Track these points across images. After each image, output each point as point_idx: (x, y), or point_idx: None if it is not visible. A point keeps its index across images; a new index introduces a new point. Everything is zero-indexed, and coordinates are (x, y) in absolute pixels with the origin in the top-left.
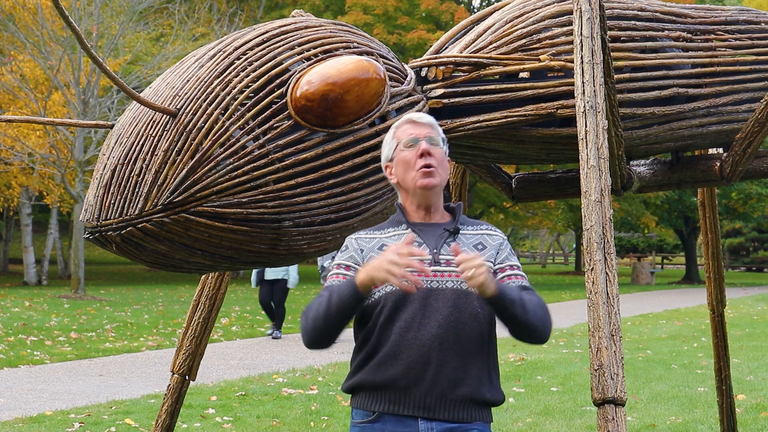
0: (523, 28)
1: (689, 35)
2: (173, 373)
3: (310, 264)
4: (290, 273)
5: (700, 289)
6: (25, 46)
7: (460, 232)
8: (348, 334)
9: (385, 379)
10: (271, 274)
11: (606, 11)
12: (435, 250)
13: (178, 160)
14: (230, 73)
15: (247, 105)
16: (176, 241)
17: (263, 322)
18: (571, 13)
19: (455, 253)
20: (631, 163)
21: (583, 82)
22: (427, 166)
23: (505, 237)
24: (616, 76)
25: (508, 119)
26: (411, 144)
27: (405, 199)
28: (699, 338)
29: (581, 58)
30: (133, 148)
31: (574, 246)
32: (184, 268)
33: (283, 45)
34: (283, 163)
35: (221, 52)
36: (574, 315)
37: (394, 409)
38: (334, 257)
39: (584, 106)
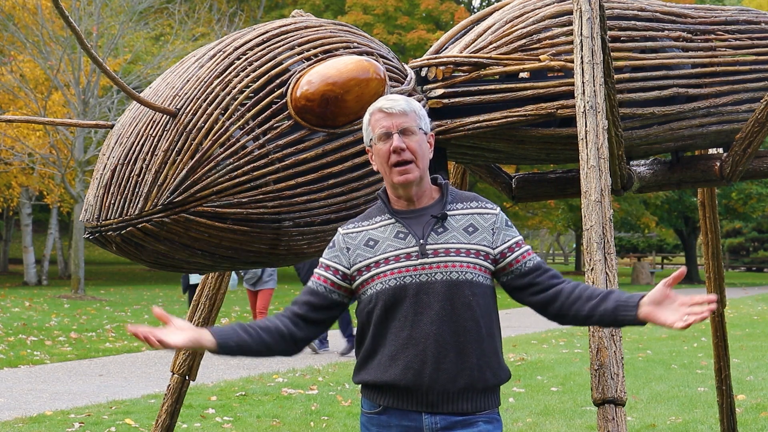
0: (523, 28)
1: (689, 35)
2: (173, 373)
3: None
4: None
5: (700, 289)
6: (25, 46)
7: (449, 214)
8: (340, 333)
9: (385, 380)
10: (198, 278)
11: (606, 11)
12: (422, 241)
13: (178, 160)
14: (230, 73)
15: (247, 105)
16: (176, 241)
17: None
18: (571, 13)
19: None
20: (631, 163)
21: (583, 82)
22: (401, 162)
23: (498, 210)
24: (616, 76)
25: (508, 119)
26: (384, 137)
27: (389, 188)
28: (699, 338)
29: (581, 58)
30: (133, 148)
31: (574, 246)
32: (184, 268)
33: (283, 45)
34: (283, 163)
35: (221, 52)
36: None
37: (398, 404)
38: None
39: (584, 106)
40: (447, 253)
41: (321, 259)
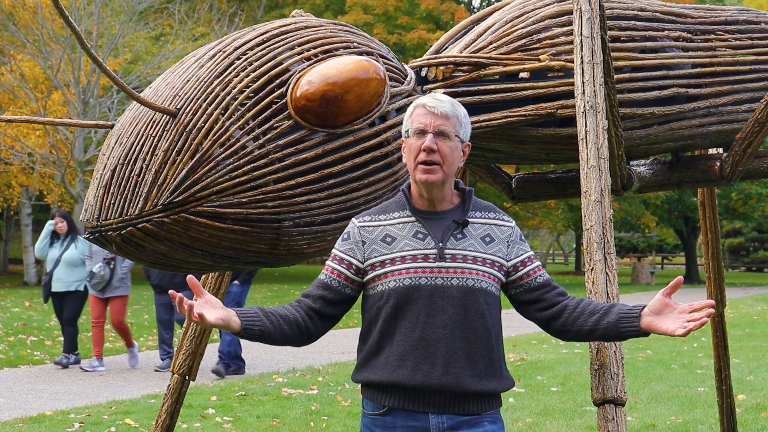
0: (523, 28)
1: (689, 35)
2: (173, 373)
3: (309, 264)
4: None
5: (700, 289)
6: (24, 45)
7: (469, 221)
8: (341, 334)
9: (393, 380)
10: (60, 285)
11: (606, 11)
12: (441, 244)
13: (178, 160)
14: (230, 73)
15: (247, 105)
16: (176, 241)
17: None
18: (571, 13)
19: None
20: (631, 163)
21: (583, 82)
22: (428, 162)
23: (514, 224)
24: (616, 76)
25: (508, 119)
26: (419, 134)
27: (412, 184)
28: (699, 338)
29: (581, 58)
30: (133, 148)
31: (574, 246)
32: (184, 268)
33: (283, 45)
34: (283, 163)
35: (221, 52)
36: None
37: (405, 405)
38: (106, 260)
39: (584, 106)
40: (465, 259)
41: (334, 251)
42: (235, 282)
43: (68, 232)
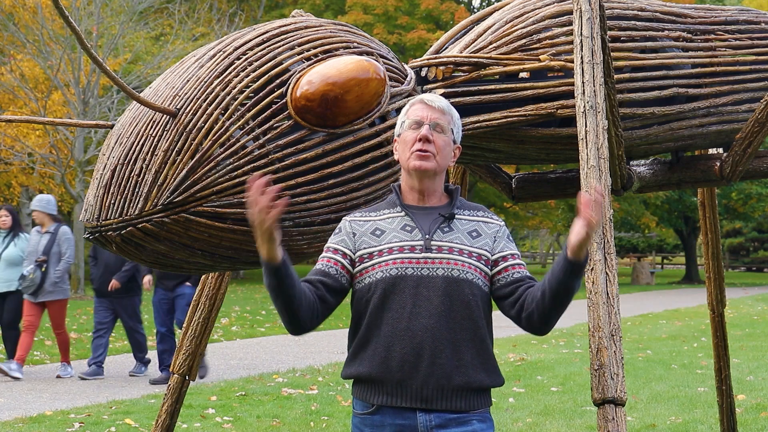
0: (523, 28)
1: (689, 35)
2: (173, 373)
3: (309, 264)
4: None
5: (700, 289)
6: (24, 45)
7: (456, 216)
8: (341, 334)
9: (380, 373)
10: (1, 285)
11: (606, 11)
12: (427, 236)
13: (178, 160)
14: (230, 73)
15: (247, 105)
16: (176, 241)
17: (263, 321)
18: (571, 13)
19: (587, 204)
20: (631, 163)
21: (583, 82)
22: (423, 150)
23: (503, 223)
24: (616, 76)
25: (508, 119)
26: (415, 125)
27: (403, 179)
28: (699, 338)
29: (581, 58)
30: (133, 148)
31: None
32: (184, 268)
33: (283, 45)
34: (283, 163)
35: (221, 52)
36: (574, 315)
37: (392, 401)
38: (37, 263)
39: (584, 106)
40: (451, 251)
41: (328, 244)
42: (187, 283)
43: (11, 228)
